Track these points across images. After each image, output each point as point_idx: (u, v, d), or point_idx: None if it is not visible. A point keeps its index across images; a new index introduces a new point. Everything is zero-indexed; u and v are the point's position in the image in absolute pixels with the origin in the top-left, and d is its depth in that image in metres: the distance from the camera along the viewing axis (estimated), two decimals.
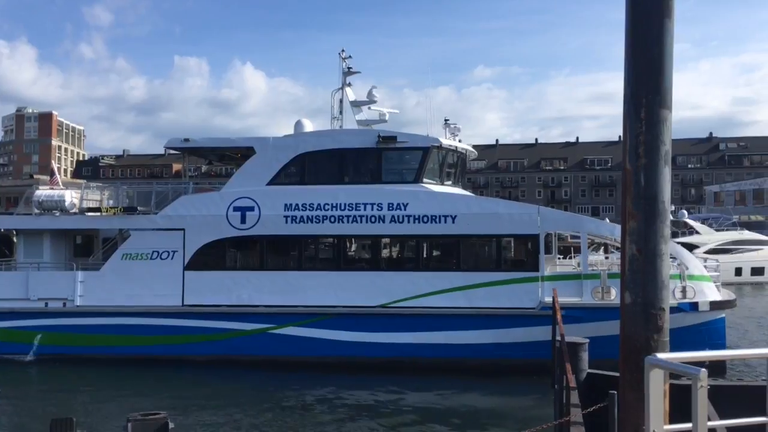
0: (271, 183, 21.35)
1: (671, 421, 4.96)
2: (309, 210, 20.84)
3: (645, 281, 5.52)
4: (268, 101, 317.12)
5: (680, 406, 4.97)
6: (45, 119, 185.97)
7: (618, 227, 23.64)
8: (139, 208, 22.26)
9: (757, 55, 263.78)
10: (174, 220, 21.27)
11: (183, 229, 21.19)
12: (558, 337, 9.76)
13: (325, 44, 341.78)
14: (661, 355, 4.46)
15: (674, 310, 18.59)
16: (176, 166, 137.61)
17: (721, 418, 6.94)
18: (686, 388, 4.34)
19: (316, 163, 21.47)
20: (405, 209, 20.60)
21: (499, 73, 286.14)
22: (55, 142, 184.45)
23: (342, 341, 20.27)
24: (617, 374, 6.45)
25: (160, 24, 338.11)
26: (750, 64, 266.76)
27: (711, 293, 19.76)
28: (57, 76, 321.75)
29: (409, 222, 20.58)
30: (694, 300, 19.40)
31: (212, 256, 21.24)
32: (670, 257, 21.23)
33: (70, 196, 22.42)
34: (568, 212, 20.74)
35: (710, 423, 4.51)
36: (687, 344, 18.21)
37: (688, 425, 4.17)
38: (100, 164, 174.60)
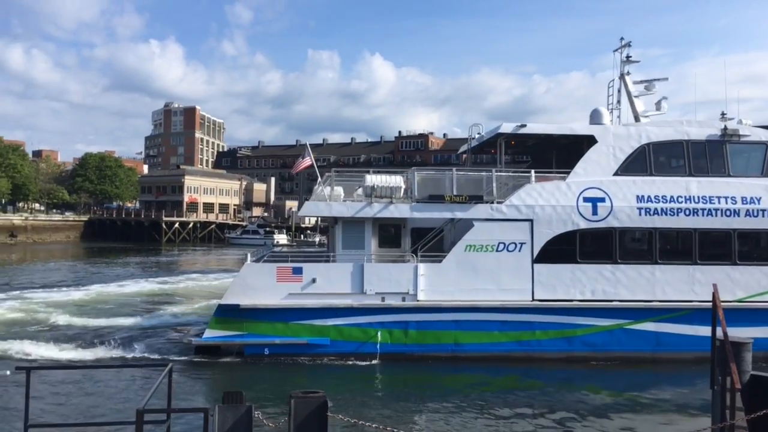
0: (617, 173, 21.01)
1: None
2: (662, 202, 20.58)
3: None
4: (395, 91, 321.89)
5: None
6: (189, 113, 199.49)
7: None
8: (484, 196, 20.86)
9: None
10: (521, 210, 20.49)
11: (531, 220, 20.41)
12: (720, 336, 9.16)
13: (450, 30, 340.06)
14: None
15: None
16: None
17: None
18: None
19: (660, 154, 21.30)
20: (759, 203, 20.58)
21: (636, 56, 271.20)
22: (198, 135, 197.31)
23: (703, 336, 18.89)
24: None
25: (296, 19, 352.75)
26: None
27: None
28: (202, 72, 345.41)
29: (764, 216, 20.56)
30: None
31: (563, 249, 20.37)
32: None
33: (403, 184, 21.11)
34: None
35: None
36: None
37: None
38: (238, 155, 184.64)
